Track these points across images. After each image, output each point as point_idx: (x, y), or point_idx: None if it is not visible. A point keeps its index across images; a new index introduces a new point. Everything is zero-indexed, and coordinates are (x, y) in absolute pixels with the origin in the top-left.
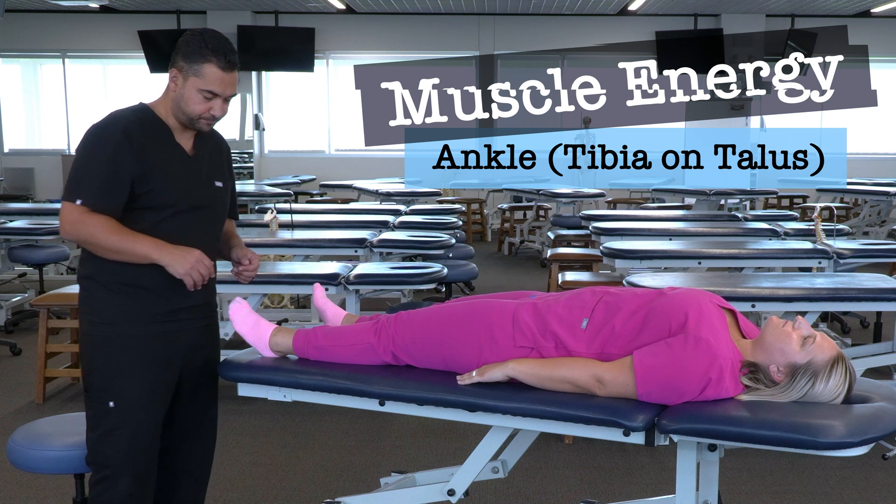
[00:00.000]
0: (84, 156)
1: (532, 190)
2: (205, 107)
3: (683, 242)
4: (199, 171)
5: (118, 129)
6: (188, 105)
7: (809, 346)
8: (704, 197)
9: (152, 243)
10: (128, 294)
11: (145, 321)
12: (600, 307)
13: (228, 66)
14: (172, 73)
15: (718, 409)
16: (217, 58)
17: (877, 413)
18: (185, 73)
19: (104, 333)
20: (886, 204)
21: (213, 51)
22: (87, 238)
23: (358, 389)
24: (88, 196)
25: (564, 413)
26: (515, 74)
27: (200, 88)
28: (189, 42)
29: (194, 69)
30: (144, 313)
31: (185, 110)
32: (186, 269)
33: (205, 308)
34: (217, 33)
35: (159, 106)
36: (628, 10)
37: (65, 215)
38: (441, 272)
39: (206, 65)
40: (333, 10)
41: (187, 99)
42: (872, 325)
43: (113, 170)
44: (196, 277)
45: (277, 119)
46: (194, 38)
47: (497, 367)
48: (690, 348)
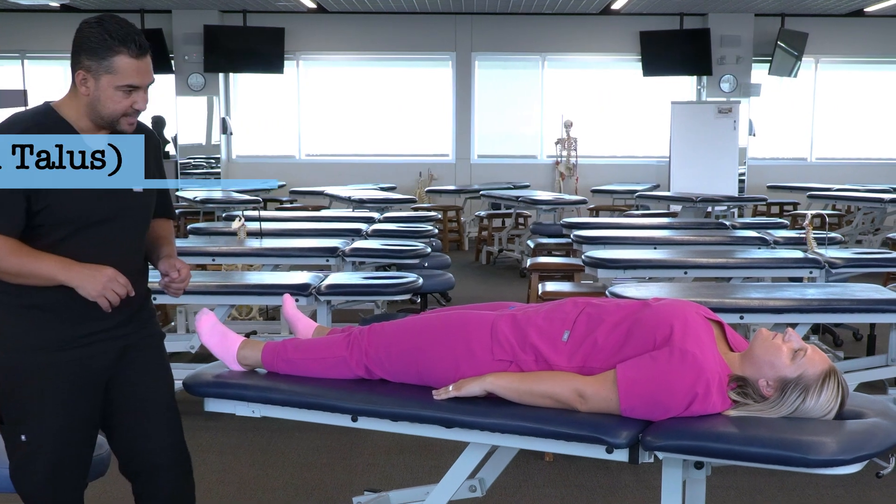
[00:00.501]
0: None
1: (511, 197)
2: (126, 103)
3: (669, 251)
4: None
5: (12, 134)
6: (107, 106)
7: (800, 359)
8: (690, 204)
9: (58, 263)
10: (32, 318)
11: (52, 349)
12: (582, 319)
13: (140, 51)
14: (80, 76)
15: (705, 425)
16: (126, 46)
17: (870, 429)
18: (94, 72)
19: (10, 362)
20: (880, 211)
21: (119, 40)
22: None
23: (329, 405)
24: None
25: (544, 429)
26: (494, 76)
27: (118, 85)
28: (88, 36)
29: (104, 66)
30: (51, 340)
31: (104, 113)
32: (98, 289)
33: (128, 325)
34: (115, 17)
35: (66, 106)
36: (611, 9)
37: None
38: (416, 282)
39: (115, 58)
40: (304, 9)
41: (105, 100)
42: (866, 337)
43: (6, 190)
44: (111, 298)
45: (245, 123)
46: (93, 31)
47: (474, 382)
48: (676, 362)
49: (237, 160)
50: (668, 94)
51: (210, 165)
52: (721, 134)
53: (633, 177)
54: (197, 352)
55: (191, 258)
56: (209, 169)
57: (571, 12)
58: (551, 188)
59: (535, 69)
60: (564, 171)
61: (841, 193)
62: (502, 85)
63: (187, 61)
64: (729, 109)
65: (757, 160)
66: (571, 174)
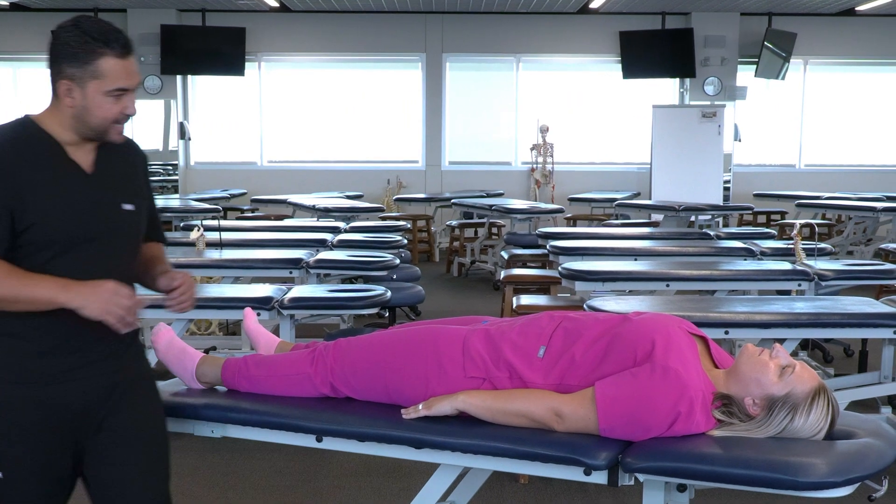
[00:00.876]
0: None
1: (484, 205)
2: (116, 109)
3: (650, 263)
4: (100, 193)
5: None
6: (97, 114)
7: (788, 376)
8: (673, 213)
9: (55, 284)
10: (4, 347)
11: (27, 382)
12: (559, 334)
13: (125, 50)
14: (63, 87)
15: (688, 445)
16: (109, 47)
17: (862, 450)
18: (79, 80)
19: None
20: (873, 220)
21: (101, 41)
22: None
23: (293, 424)
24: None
25: (519, 450)
26: (466, 78)
27: (107, 91)
28: (68, 42)
29: (90, 71)
30: (27, 372)
31: (92, 123)
32: (102, 307)
33: (115, 361)
34: (91, 18)
35: (48, 119)
36: (589, 8)
37: None
38: (384, 295)
39: (100, 60)
40: (266, 7)
41: (94, 108)
42: (857, 353)
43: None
44: (119, 313)
45: (204, 128)
46: (72, 36)
47: (446, 400)
48: (658, 379)
49: (196, 167)
50: (650, 97)
51: (167, 173)
52: (705, 139)
53: (612, 184)
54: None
55: None
56: (166, 176)
57: (547, 11)
58: (526, 196)
59: (510, 71)
60: (540, 178)
61: (831, 202)
62: (475, 88)
63: (143, 63)
64: (713, 113)
65: (743, 167)
66: (547, 182)
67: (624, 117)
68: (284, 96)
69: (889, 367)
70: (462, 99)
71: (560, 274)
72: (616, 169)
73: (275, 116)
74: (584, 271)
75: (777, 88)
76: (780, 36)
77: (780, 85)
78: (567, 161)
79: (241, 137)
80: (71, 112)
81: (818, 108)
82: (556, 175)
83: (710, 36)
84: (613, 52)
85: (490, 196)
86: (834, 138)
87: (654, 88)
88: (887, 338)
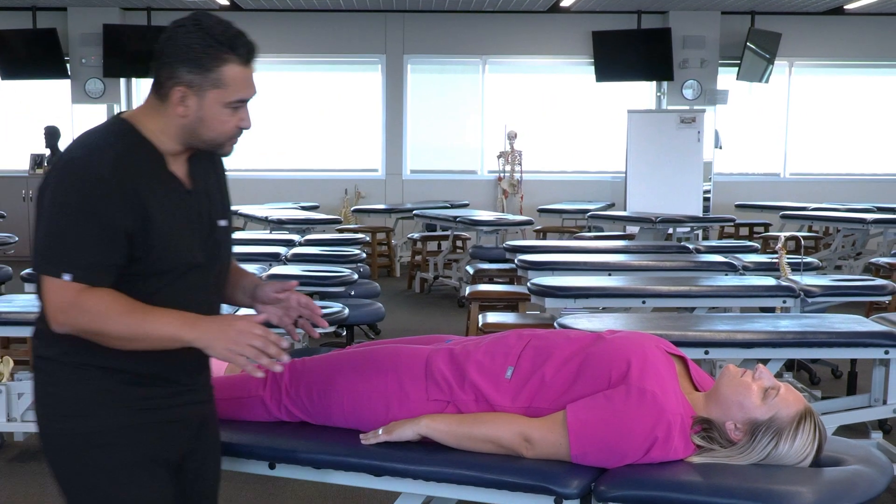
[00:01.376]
0: (62, 208)
1: (448, 217)
2: (234, 122)
3: (625, 278)
4: (200, 211)
5: (105, 163)
6: (213, 127)
7: (772, 399)
8: (649, 225)
9: (179, 320)
10: (103, 377)
11: (133, 408)
12: (528, 353)
13: (250, 56)
14: (178, 94)
15: (666, 472)
16: (236, 53)
17: (851, 478)
18: (198, 88)
19: (79, 428)
20: (862, 233)
21: (228, 45)
22: (90, 327)
23: (244, 450)
24: (80, 267)
25: (485, 477)
26: (429, 81)
27: (227, 102)
28: (189, 44)
29: (212, 79)
30: (129, 398)
31: (206, 136)
32: (230, 346)
33: (206, 391)
34: (212, 16)
35: (147, 123)
36: (560, 6)
37: (52, 298)
38: (342, 313)
39: (224, 67)
40: (215, 6)
41: (210, 120)
42: (846, 374)
43: (107, 225)
44: (250, 352)
45: None
46: (193, 37)
47: (407, 424)
48: (633, 402)
49: None
50: (625, 101)
51: None
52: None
53: (584, 194)
54: None
55: None
56: None
57: (516, 10)
58: (493, 207)
59: (475, 73)
60: (508, 188)
61: (818, 213)
62: (438, 91)
63: (84, 65)
64: (692, 119)
65: (724, 176)
66: (516, 192)
67: (597, 123)
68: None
69: (880, 390)
70: (425, 103)
71: (529, 290)
72: (589, 178)
73: None
74: (555, 287)
75: (760, 92)
76: (763, 36)
77: (764, 88)
78: (537, 170)
79: None
80: (182, 122)
81: (804, 113)
82: (525, 184)
83: (689, 36)
84: (586, 54)
85: (454, 207)
86: (821, 145)
87: (629, 92)
88: (878, 358)
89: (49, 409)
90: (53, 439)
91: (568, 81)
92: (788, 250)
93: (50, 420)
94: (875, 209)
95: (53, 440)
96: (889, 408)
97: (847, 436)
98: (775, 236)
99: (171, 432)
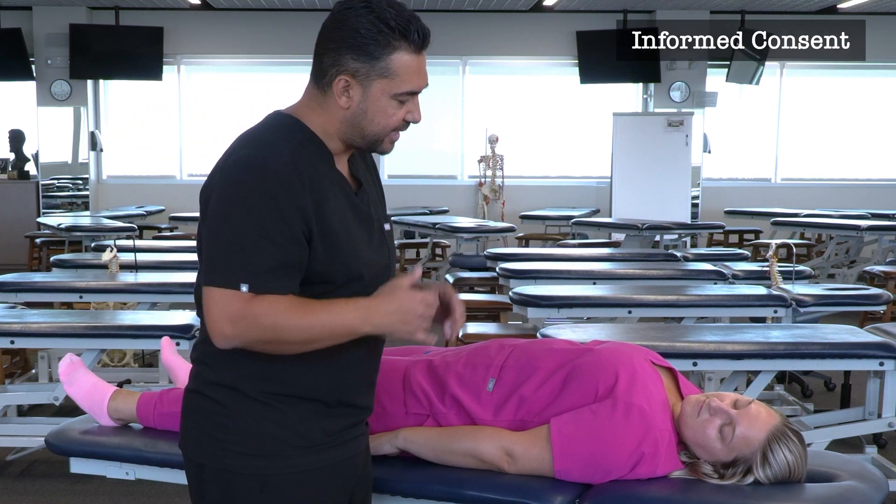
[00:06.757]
0: (235, 210)
1: (427, 223)
2: (399, 116)
3: (610, 287)
4: (369, 215)
5: (281, 158)
6: (377, 121)
7: (730, 440)
8: (636, 232)
9: (353, 309)
10: (294, 406)
11: (318, 445)
12: (510, 365)
13: (424, 43)
14: (341, 83)
15: (652, 489)
16: (408, 40)
17: (845, 494)
18: (363, 77)
19: (266, 468)
20: (856, 240)
21: (400, 31)
22: (267, 336)
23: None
24: (259, 273)
25: (465, 493)
26: None
27: (395, 93)
28: (357, 29)
29: (379, 68)
30: (315, 433)
31: (368, 130)
32: (415, 324)
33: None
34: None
35: (312, 119)
36: (543, 5)
37: (219, 308)
38: None
39: (394, 55)
40: (186, 5)
41: (374, 113)
42: (839, 387)
43: (290, 222)
44: (425, 324)
45: (118, 138)
46: (363, 21)
47: (385, 438)
48: (620, 417)
49: (108, 181)
50: (610, 104)
51: (77, 187)
52: (671, 150)
53: (568, 200)
54: (62, 404)
55: (54, 295)
56: (76, 192)
57: (497, 9)
58: (473, 214)
59: (455, 75)
60: (489, 193)
61: (810, 220)
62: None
63: (50, 66)
64: (680, 122)
65: (713, 181)
66: (497, 197)
67: (582, 126)
68: (206, 103)
69: (874, 403)
70: None
71: (511, 299)
72: (573, 183)
73: (196, 125)
74: (538, 296)
75: (751, 94)
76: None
77: (754, 91)
78: (519, 175)
79: (158, 148)
80: (343, 114)
81: (796, 116)
82: (507, 190)
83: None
84: (570, 55)
85: (433, 213)
86: (813, 150)
87: (614, 94)
88: (872, 370)
89: (220, 443)
90: (221, 476)
91: (551, 83)
92: (780, 258)
93: (220, 456)
94: (869, 216)
95: (221, 477)
96: (884, 421)
97: (840, 450)
98: (766, 244)
99: (346, 470)
